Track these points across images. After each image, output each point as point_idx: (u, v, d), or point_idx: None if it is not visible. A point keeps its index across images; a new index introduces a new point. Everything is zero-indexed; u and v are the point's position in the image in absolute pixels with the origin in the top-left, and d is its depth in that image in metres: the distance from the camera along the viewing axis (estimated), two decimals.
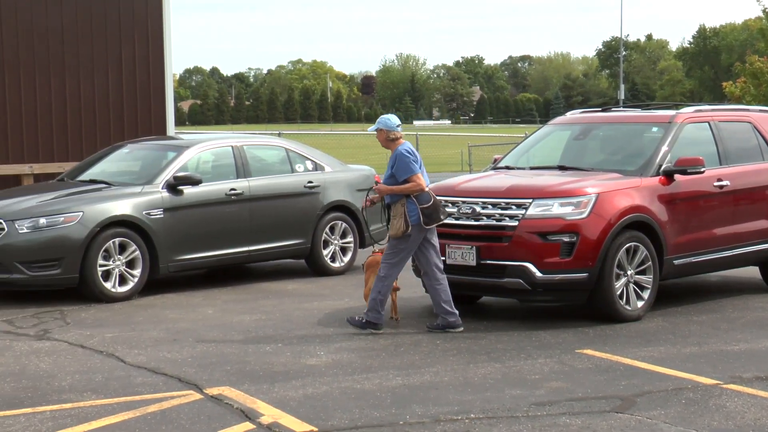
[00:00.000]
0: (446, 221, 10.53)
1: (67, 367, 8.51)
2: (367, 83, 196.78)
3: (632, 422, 6.93)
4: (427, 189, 9.76)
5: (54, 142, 19.06)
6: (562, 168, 11.25)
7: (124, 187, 12.33)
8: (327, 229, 13.76)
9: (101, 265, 11.61)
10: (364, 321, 9.83)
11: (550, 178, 10.77)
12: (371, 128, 10.15)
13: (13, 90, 18.83)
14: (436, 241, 9.93)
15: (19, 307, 11.24)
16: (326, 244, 13.77)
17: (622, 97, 64.17)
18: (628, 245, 10.26)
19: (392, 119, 10.03)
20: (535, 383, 7.95)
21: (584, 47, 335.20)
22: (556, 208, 10.11)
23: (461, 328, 9.82)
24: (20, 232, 11.48)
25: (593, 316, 10.35)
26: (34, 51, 18.99)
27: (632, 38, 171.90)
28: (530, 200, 10.18)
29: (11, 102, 18.78)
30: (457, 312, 9.86)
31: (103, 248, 11.62)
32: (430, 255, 9.88)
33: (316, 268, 13.73)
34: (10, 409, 7.30)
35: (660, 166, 10.86)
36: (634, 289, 10.36)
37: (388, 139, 9.93)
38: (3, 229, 11.54)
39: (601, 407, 7.29)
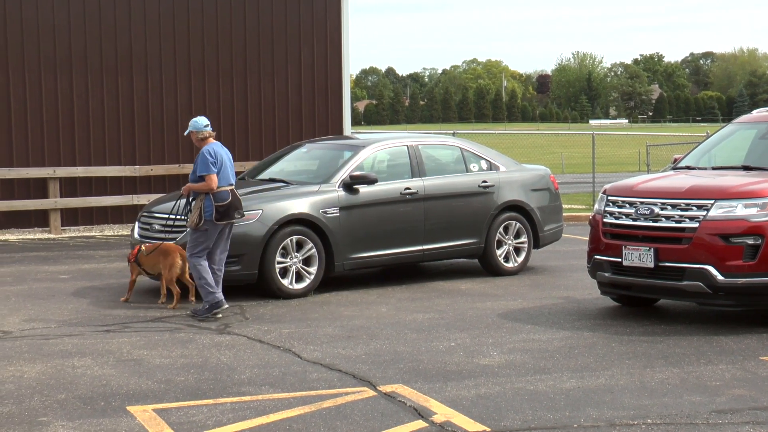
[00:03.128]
0: (623, 222, 10.35)
1: (247, 361, 8.75)
2: (542, 82, 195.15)
3: None
4: (227, 188, 10.70)
5: (235, 142, 19.66)
6: (746, 168, 10.85)
7: (301, 185, 12.57)
8: (501, 229, 13.70)
9: (279, 262, 11.86)
10: (206, 307, 10.68)
11: (734, 179, 10.40)
12: (186, 131, 11.03)
13: (198, 92, 19.52)
14: (229, 237, 10.98)
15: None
16: (500, 243, 13.71)
17: None
18: None
19: (200, 121, 10.92)
20: (716, 390, 7.71)
21: None
22: (739, 210, 9.77)
23: (226, 306, 10.72)
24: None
25: None
26: (218, 54, 19.64)
27: None
28: (712, 201, 9.88)
29: (196, 104, 19.48)
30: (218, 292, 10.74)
31: (281, 246, 11.86)
32: (220, 248, 10.91)
33: (490, 268, 13.68)
34: (193, 399, 7.57)
35: None
36: None
37: (198, 139, 10.87)
38: None
39: None
